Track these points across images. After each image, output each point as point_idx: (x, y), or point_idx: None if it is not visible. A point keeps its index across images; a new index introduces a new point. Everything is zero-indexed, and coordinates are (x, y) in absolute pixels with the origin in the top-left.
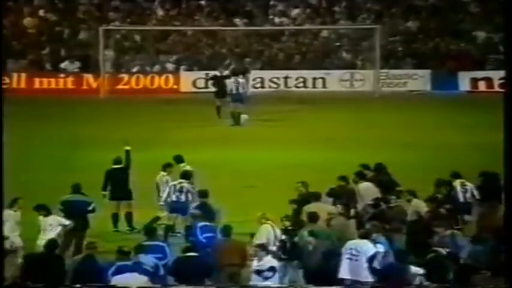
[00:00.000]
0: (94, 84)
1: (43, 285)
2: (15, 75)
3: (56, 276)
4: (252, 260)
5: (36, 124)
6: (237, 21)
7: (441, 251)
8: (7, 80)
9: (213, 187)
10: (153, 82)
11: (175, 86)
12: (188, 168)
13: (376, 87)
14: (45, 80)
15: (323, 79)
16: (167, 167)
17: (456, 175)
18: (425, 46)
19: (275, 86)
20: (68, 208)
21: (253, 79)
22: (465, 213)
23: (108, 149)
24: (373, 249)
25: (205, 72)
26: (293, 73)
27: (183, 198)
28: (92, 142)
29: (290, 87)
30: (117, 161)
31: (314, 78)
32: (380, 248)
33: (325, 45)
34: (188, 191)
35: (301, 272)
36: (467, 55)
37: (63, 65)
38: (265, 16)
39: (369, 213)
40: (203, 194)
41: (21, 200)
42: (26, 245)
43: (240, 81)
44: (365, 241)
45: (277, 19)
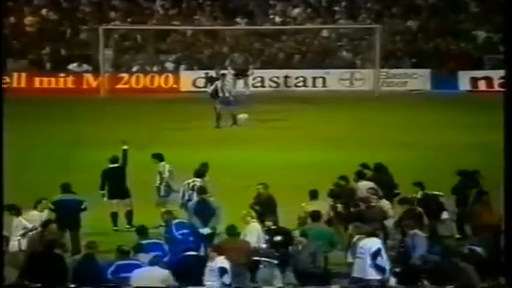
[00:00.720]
0: (94, 83)
1: (42, 285)
2: (15, 74)
3: (57, 275)
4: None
5: (36, 124)
6: (237, 20)
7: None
8: (7, 80)
9: (213, 187)
10: (153, 81)
11: (175, 86)
12: (205, 163)
13: (376, 86)
14: (45, 80)
15: (323, 78)
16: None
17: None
18: (425, 46)
19: (275, 86)
20: (60, 208)
21: (253, 78)
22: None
23: (108, 149)
24: (376, 246)
25: (205, 71)
26: (293, 72)
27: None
28: (92, 142)
29: (290, 86)
30: (113, 160)
31: (314, 77)
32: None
33: (325, 44)
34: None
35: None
36: (467, 55)
37: (70, 67)
38: (265, 16)
39: (352, 214)
40: (201, 191)
41: (45, 201)
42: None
43: (227, 82)
44: (371, 238)
45: (277, 18)
